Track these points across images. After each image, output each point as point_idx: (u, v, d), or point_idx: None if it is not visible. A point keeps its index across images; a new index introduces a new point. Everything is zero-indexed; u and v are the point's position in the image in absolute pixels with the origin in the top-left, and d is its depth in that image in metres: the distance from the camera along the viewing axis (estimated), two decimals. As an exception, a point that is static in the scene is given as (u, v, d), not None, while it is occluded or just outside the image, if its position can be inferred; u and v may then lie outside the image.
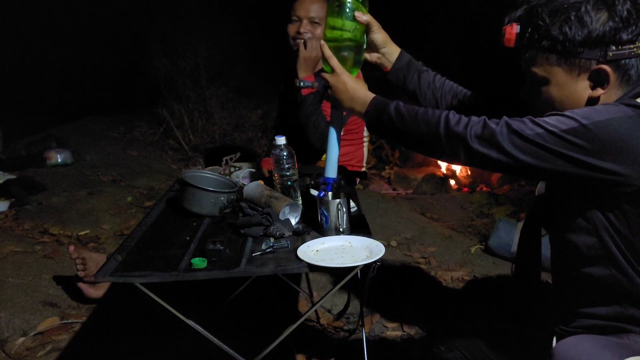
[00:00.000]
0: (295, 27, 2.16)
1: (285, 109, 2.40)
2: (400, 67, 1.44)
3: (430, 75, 1.45)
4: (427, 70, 1.45)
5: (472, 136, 1.02)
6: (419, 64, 1.45)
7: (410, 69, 1.43)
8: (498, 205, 3.63)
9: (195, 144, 5.13)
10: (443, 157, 1.11)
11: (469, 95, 1.42)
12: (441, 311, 2.28)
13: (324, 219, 1.41)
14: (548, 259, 1.80)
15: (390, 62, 1.44)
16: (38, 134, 4.66)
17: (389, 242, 2.95)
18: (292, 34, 2.17)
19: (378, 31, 1.39)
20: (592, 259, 1.05)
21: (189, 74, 5.36)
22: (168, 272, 1.22)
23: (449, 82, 1.45)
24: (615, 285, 1.04)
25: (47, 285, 2.35)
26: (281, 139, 1.64)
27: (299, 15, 2.15)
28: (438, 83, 1.44)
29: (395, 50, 1.44)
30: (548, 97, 1.08)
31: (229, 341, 1.32)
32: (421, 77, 1.43)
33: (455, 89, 1.44)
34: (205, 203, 1.58)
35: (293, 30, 2.17)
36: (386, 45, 1.42)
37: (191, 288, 2.06)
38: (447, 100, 1.43)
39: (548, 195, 1.19)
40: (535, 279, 1.89)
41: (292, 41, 2.18)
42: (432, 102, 1.43)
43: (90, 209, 3.28)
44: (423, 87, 1.43)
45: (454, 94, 1.43)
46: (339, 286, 1.37)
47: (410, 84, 1.44)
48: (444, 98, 1.43)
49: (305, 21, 2.14)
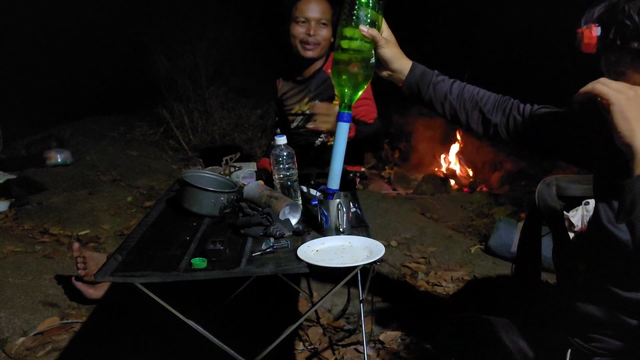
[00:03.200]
0: (303, 29, 2.12)
1: (282, 115, 2.41)
2: (413, 81, 1.33)
3: (446, 85, 1.33)
4: (443, 80, 1.34)
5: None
6: (434, 73, 1.34)
7: (424, 81, 1.32)
8: (498, 205, 3.63)
9: (195, 144, 5.13)
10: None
11: (492, 102, 1.31)
12: (441, 311, 2.28)
13: (324, 219, 1.41)
14: (548, 259, 1.81)
15: (401, 78, 1.33)
16: (38, 134, 4.67)
17: (389, 242, 2.95)
18: (300, 36, 2.13)
19: (386, 46, 1.29)
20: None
21: (189, 74, 5.36)
22: (168, 272, 1.22)
23: (469, 90, 1.33)
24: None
25: (47, 285, 2.35)
26: (281, 139, 1.64)
27: (307, 17, 2.11)
28: (455, 93, 1.32)
29: (407, 65, 1.33)
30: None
31: (229, 341, 1.32)
32: (436, 89, 1.32)
33: (476, 97, 1.31)
34: (205, 203, 1.58)
35: (300, 32, 2.13)
36: (395, 61, 1.31)
37: (191, 288, 2.06)
38: (466, 110, 1.32)
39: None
40: (535, 279, 1.90)
41: (298, 43, 2.15)
42: (450, 112, 1.34)
43: (90, 209, 3.28)
44: (439, 98, 1.33)
45: (475, 102, 1.31)
46: (339, 286, 1.37)
47: (426, 96, 1.33)
48: (463, 108, 1.32)
49: (314, 23, 2.11)
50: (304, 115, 2.26)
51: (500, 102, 1.30)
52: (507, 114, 1.28)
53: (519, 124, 1.26)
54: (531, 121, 1.25)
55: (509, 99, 1.31)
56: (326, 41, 2.16)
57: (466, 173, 4.65)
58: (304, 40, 2.13)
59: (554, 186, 1.74)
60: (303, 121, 2.28)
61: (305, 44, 2.14)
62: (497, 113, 1.29)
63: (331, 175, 1.41)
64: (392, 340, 2.10)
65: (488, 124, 1.30)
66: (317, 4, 2.11)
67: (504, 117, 1.29)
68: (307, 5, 2.11)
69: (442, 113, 1.35)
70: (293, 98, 2.30)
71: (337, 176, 1.40)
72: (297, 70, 2.27)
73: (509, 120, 1.28)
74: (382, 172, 4.87)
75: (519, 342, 1.24)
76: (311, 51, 2.15)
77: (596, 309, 1.08)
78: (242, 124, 5.33)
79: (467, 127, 1.34)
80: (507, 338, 1.25)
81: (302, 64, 2.23)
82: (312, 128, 2.25)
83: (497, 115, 1.29)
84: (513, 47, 4.67)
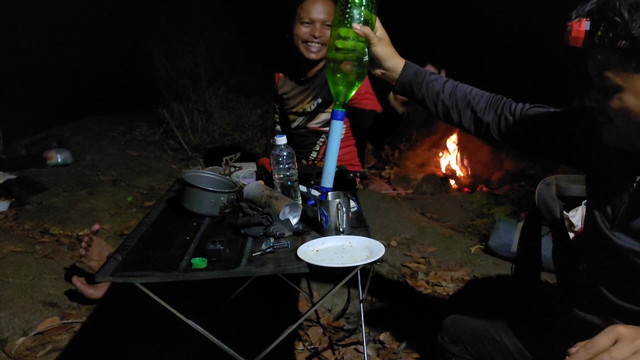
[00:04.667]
0: (308, 30, 2.11)
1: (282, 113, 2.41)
2: (406, 79, 1.34)
3: (439, 84, 1.33)
4: (436, 79, 1.34)
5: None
6: (427, 72, 1.35)
7: (417, 80, 1.33)
8: (498, 205, 3.63)
9: (195, 144, 5.13)
10: None
11: (485, 102, 1.31)
12: (441, 311, 2.28)
13: (324, 219, 1.41)
14: (548, 259, 1.81)
15: (395, 76, 1.34)
16: (38, 134, 4.67)
17: (389, 242, 2.95)
18: (305, 37, 2.12)
19: (379, 44, 1.31)
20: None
21: (189, 74, 5.36)
22: (168, 272, 1.22)
23: (461, 89, 1.33)
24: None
25: (47, 285, 2.35)
26: (281, 139, 1.64)
27: (312, 18, 2.10)
28: (448, 91, 1.32)
29: (400, 63, 1.34)
30: (623, 106, 0.91)
31: (229, 341, 1.32)
32: (429, 87, 1.33)
33: (469, 95, 1.31)
34: (205, 203, 1.58)
35: (305, 33, 2.12)
36: (388, 60, 1.33)
37: (191, 288, 2.06)
38: (459, 108, 1.32)
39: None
40: (535, 279, 1.90)
41: (301, 44, 2.14)
42: (443, 111, 1.34)
43: (90, 209, 3.28)
44: (432, 97, 1.33)
45: (467, 101, 1.31)
46: (339, 286, 1.37)
47: (419, 95, 1.34)
48: (455, 107, 1.32)
49: (319, 25, 2.10)
50: (306, 115, 2.26)
51: (493, 102, 1.30)
52: (499, 113, 1.28)
53: (509, 124, 1.26)
54: (521, 121, 1.25)
55: (501, 98, 1.30)
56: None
57: (466, 173, 4.65)
58: (307, 41, 2.13)
59: (554, 186, 1.74)
60: (304, 121, 2.28)
61: (309, 46, 2.14)
62: (489, 112, 1.29)
63: (324, 174, 1.42)
64: (392, 340, 2.10)
65: (480, 123, 1.30)
66: (323, 5, 2.10)
67: (495, 116, 1.28)
68: (313, 6, 2.10)
69: (434, 112, 1.35)
70: (295, 98, 2.29)
71: (330, 174, 1.41)
72: (300, 70, 2.26)
73: (500, 120, 1.28)
74: (382, 172, 4.87)
75: (518, 342, 1.24)
76: (315, 53, 2.15)
77: (594, 316, 1.08)
78: (242, 124, 5.34)
79: (459, 126, 1.34)
80: (507, 338, 1.25)
81: (305, 64, 2.22)
82: (313, 128, 2.25)
83: (489, 114, 1.29)
84: (509, 46, 4.67)
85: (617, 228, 1.01)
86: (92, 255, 2.13)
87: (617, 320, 1.00)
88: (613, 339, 0.78)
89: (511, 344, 1.25)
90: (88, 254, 2.12)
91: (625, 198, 1.01)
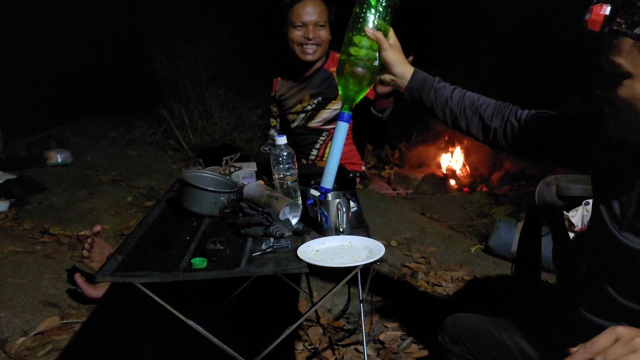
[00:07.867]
0: (302, 33, 2.13)
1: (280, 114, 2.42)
2: (414, 86, 1.35)
3: (447, 91, 1.35)
4: (445, 86, 1.35)
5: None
6: (435, 79, 1.36)
7: (425, 87, 1.35)
8: (498, 205, 3.63)
9: (195, 144, 5.13)
10: None
11: (492, 110, 1.31)
12: (441, 311, 2.28)
13: (324, 219, 1.41)
14: (548, 258, 1.81)
15: (404, 83, 1.36)
16: (38, 134, 4.67)
17: (389, 242, 2.95)
18: (299, 40, 2.14)
19: (389, 50, 1.34)
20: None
21: (189, 74, 5.37)
22: (168, 272, 1.22)
23: (469, 97, 1.34)
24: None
25: (47, 285, 2.35)
26: (281, 139, 1.64)
27: (304, 21, 2.11)
28: (456, 99, 1.33)
29: (409, 71, 1.36)
30: (632, 94, 0.91)
31: (229, 341, 1.32)
32: (437, 95, 1.34)
33: (476, 103, 1.32)
34: (205, 203, 1.58)
35: (299, 36, 2.13)
36: (398, 65, 1.35)
37: (191, 288, 2.06)
38: (467, 116, 1.33)
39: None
40: (535, 279, 1.90)
41: (297, 47, 2.16)
42: (451, 118, 1.35)
43: (90, 209, 3.28)
44: (440, 104, 1.35)
45: (475, 109, 1.32)
46: (339, 286, 1.37)
47: (427, 102, 1.35)
48: (464, 114, 1.33)
49: (312, 26, 2.11)
50: (305, 113, 2.26)
51: (500, 109, 1.31)
52: (505, 120, 1.29)
53: (515, 130, 1.27)
54: (526, 126, 1.26)
55: (508, 105, 1.31)
56: (325, 42, 2.17)
57: (466, 173, 4.65)
58: (302, 44, 2.14)
59: (554, 186, 1.75)
60: (304, 120, 2.28)
61: (304, 48, 2.15)
62: (496, 119, 1.30)
63: (326, 174, 1.42)
64: (392, 340, 2.10)
65: (487, 130, 1.31)
66: (313, 6, 2.12)
67: (502, 122, 1.29)
68: (304, 9, 2.12)
69: (443, 119, 1.37)
70: (294, 97, 2.30)
71: (331, 175, 1.41)
72: (297, 71, 2.27)
73: (506, 126, 1.29)
74: (382, 172, 4.87)
75: (520, 342, 1.24)
76: (311, 55, 2.16)
77: (595, 316, 1.08)
78: (242, 124, 5.34)
79: (467, 133, 1.35)
80: (508, 338, 1.25)
81: (302, 65, 2.23)
82: (314, 126, 2.25)
83: (496, 121, 1.30)
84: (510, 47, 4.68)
85: (626, 229, 1.01)
86: (94, 257, 2.13)
87: (622, 321, 1.00)
88: (613, 339, 0.78)
89: (512, 343, 1.25)
90: (90, 255, 2.13)
91: (633, 198, 1.01)
